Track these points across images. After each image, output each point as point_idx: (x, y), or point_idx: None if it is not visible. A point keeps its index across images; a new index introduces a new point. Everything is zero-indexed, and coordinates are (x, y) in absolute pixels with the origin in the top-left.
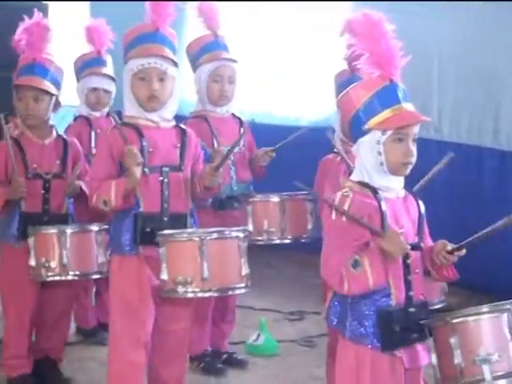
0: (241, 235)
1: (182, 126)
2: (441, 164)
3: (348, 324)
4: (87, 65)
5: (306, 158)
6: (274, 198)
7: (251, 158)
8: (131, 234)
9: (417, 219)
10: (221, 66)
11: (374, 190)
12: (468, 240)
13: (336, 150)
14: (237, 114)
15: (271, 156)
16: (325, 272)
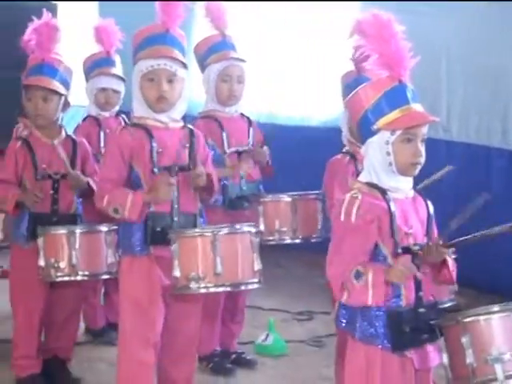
0: (252, 230)
1: (191, 127)
2: (436, 176)
3: (358, 325)
4: (96, 65)
5: (314, 158)
6: (286, 198)
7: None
8: (142, 234)
9: (426, 220)
10: (229, 66)
11: (383, 191)
12: (460, 239)
13: (344, 151)
14: (245, 114)
15: (265, 152)
16: (329, 273)
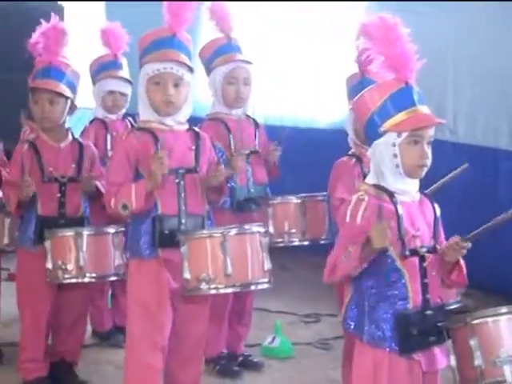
0: (262, 230)
1: (196, 129)
2: (454, 173)
3: (365, 328)
4: (103, 68)
5: (321, 160)
6: (295, 200)
7: (266, 159)
8: (150, 237)
9: (432, 222)
10: (236, 68)
11: (391, 194)
12: (477, 231)
13: (350, 153)
14: (252, 116)
15: (277, 151)
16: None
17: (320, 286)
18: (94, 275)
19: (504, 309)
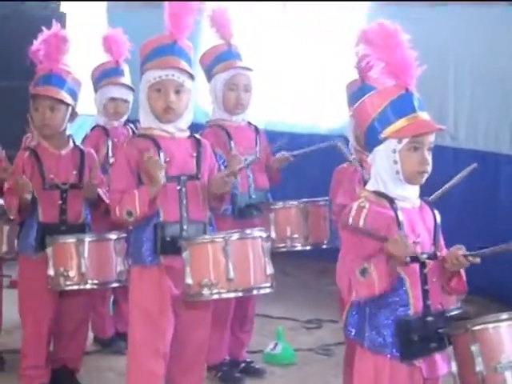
0: (263, 235)
1: (197, 136)
2: (463, 173)
3: (366, 334)
4: (105, 75)
5: (322, 166)
6: (296, 205)
7: (267, 164)
8: (152, 244)
9: (433, 229)
10: (236, 75)
11: (391, 200)
12: (485, 251)
13: (351, 159)
14: (252, 122)
15: (289, 161)
16: (338, 280)
17: (321, 292)
18: (96, 282)
19: (505, 315)
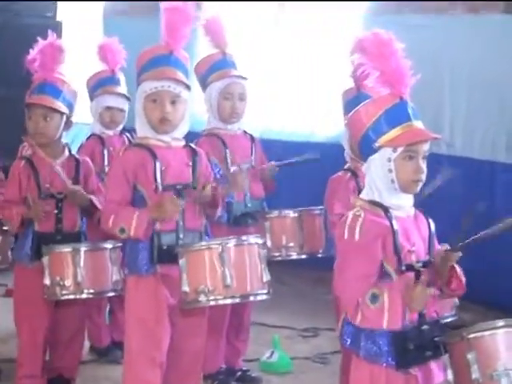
0: (259, 242)
1: (193, 146)
2: (438, 181)
3: (362, 343)
4: (101, 84)
5: (317, 175)
6: (292, 214)
7: (262, 173)
8: (148, 253)
9: (427, 237)
10: (231, 84)
11: (386, 209)
12: (466, 241)
13: (346, 167)
14: (248, 131)
15: (276, 170)
16: (337, 293)
17: (318, 300)
18: (92, 291)
19: (501, 322)
